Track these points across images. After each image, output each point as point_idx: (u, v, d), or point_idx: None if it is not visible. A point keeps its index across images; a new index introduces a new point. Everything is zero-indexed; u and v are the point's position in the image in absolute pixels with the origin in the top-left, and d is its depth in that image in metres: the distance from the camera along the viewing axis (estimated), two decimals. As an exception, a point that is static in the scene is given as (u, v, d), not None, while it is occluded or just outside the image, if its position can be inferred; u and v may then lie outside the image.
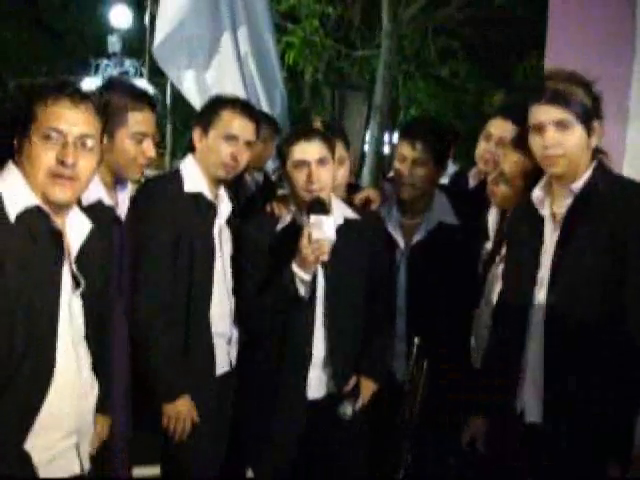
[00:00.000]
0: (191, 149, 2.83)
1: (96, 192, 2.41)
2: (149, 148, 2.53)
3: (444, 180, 4.13)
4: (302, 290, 2.65)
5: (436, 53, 11.60)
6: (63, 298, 1.85)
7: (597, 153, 2.34)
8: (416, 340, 2.89)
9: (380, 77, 10.10)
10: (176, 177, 2.74)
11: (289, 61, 11.11)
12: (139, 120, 2.50)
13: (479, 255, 2.97)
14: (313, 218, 2.57)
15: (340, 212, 2.82)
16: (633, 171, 2.71)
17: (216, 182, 2.77)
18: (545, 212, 2.38)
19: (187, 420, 2.64)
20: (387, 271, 2.96)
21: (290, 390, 2.76)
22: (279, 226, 2.80)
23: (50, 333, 1.80)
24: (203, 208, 2.72)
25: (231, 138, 2.72)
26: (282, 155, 2.79)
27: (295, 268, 2.62)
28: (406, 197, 3.00)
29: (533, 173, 2.55)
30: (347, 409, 2.78)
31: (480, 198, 3.09)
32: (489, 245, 2.92)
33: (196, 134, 2.77)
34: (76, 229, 1.94)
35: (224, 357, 2.79)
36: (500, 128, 3.26)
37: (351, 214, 2.84)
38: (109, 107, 2.44)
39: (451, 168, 5.07)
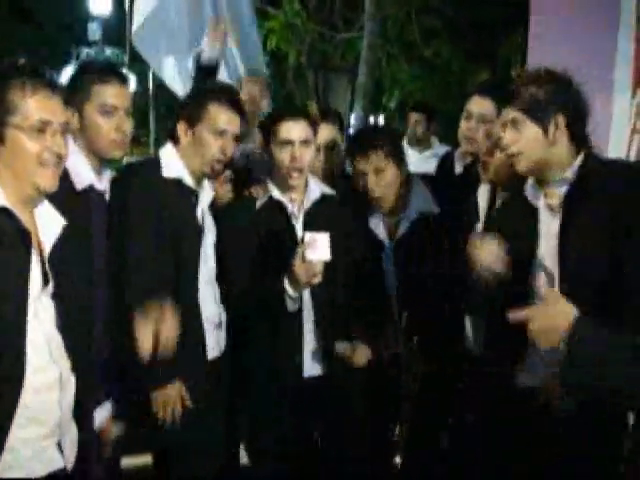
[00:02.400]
0: (171, 138, 2.79)
1: (88, 177, 2.41)
2: (123, 122, 2.48)
3: (433, 161, 4.12)
4: (290, 305, 2.66)
5: (419, 34, 11.52)
6: (33, 297, 1.82)
7: (584, 144, 2.33)
8: (404, 315, 2.91)
9: (363, 59, 10.02)
10: (155, 163, 2.72)
11: (272, 46, 11.02)
12: (106, 92, 2.46)
13: (464, 241, 2.96)
14: (308, 236, 2.55)
15: (317, 187, 2.88)
16: (618, 144, 2.71)
17: (199, 174, 2.75)
18: (540, 203, 2.37)
19: (177, 404, 2.61)
20: (369, 244, 2.99)
21: (286, 370, 2.76)
22: (258, 204, 2.83)
23: (18, 334, 1.77)
24: (184, 193, 2.70)
25: (220, 133, 2.69)
26: (266, 132, 2.79)
27: (286, 284, 2.61)
28: (385, 209, 2.99)
29: None
30: (340, 347, 2.78)
31: (466, 182, 3.08)
32: (479, 226, 2.90)
33: (181, 128, 2.73)
34: (48, 225, 1.91)
35: (213, 342, 2.78)
36: (479, 105, 3.27)
37: (328, 190, 2.87)
38: (79, 86, 2.47)
39: (441, 149, 5.06)
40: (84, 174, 2.41)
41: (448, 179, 3.45)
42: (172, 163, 2.72)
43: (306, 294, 2.77)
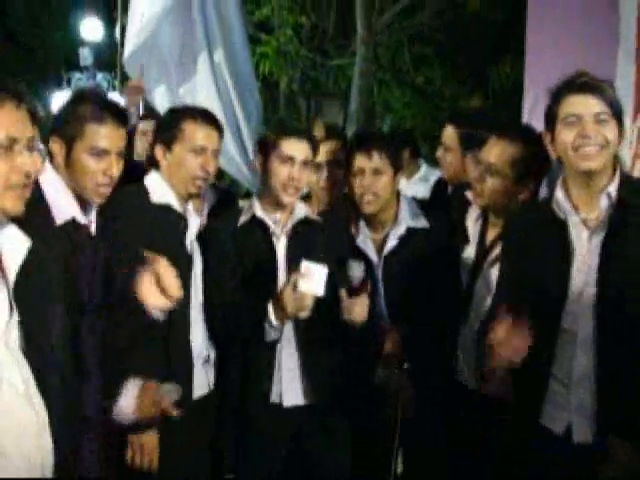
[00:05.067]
0: (153, 166, 2.72)
1: (70, 210, 2.25)
2: (111, 166, 2.30)
3: (422, 185, 4.13)
4: (272, 334, 2.57)
5: (411, 60, 11.58)
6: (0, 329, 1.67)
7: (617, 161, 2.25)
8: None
9: (355, 86, 10.05)
10: (142, 190, 2.63)
11: (264, 71, 11.04)
12: (99, 134, 2.28)
13: (457, 257, 2.89)
14: (304, 266, 2.45)
15: (303, 210, 2.81)
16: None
17: (185, 197, 2.68)
18: (574, 217, 2.22)
19: (153, 455, 2.50)
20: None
21: (258, 399, 2.69)
22: (240, 222, 2.76)
23: None
24: (173, 220, 2.62)
25: (198, 150, 2.62)
26: (265, 145, 2.73)
27: (270, 312, 2.53)
28: (371, 211, 2.93)
29: (522, 163, 2.48)
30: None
31: (455, 203, 3.04)
32: (470, 249, 2.84)
33: (159, 151, 2.66)
34: (12, 248, 1.74)
35: (202, 379, 2.69)
36: (445, 135, 3.35)
37: (313, 215, 2.83)
38: (71, 119, 2.30)
39: (430, 172, 5.02)
40: (66, 207, 2.24)
41: (442, 202, 3.43)
42: (159, 188, 2.65)
43: (288, 328, 2.69)
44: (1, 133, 1.63)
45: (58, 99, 11.91)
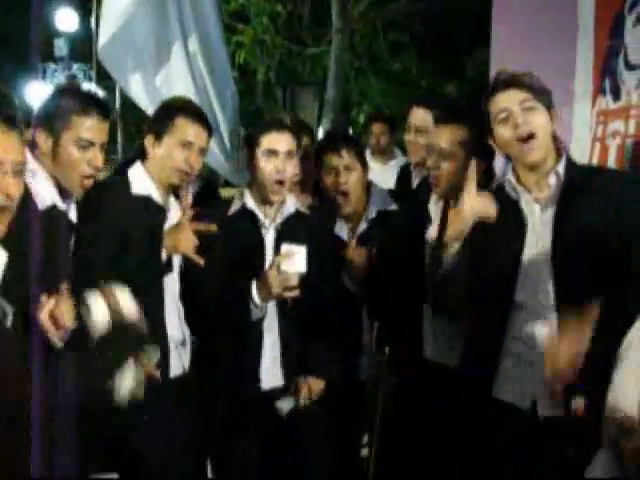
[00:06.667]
0: (140, 156, 2.78)
1: (50, 197, 2.34)
2: (96, 157, 2.41)
3: (394, 171, 4.17)
4: (255, 314, 2.64)
5: (387, 48, 11.64)
6: None
7: (559, 143, 2.35)
8: (375, 326, 2.92)
9: (332, 74, 10.10)
10: (123, 181, 2.69)
11: (240, 61, 11.03)
12: (86, 126, 2.40)
13: (423, 237, 2.97)
14: (285, 247, 2.56)
15: (293, 204, 2.89)
16: (580, 154, 2.73)
17: (167, 189, 2.74)
18: (526, 195, 2.34)
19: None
20: (335, 267, 2.97)
21: (243, 381, 2.75)
22: (230, 212, 2.83)
23: None
24: (152, 210, 2.68)
25: (186, 145, 2.69)
26: (250, 143, 2.84)
27: (254, 292, 2.60)
28: (351, 210, 3.04)
29: (471, 142, 2.59)
30: (283, 405, 2.77)
31: (422, 195, 3.12)
32: (432, 230, 2.91)
33: (148, 141, 2.73)
34: None
35: (176, 361, 2.74)
36: (416, 117, 3.37)
37: (303, 208, 2.88)
38: (57, 112, 2.40)
39: (404, 160, 5.08)
40: (46, 194, 2.34)
41: (406, 192, 3.51)
42: (140, 180, 2.71)
43: (270, 312, 2.75)
44: None
45: (33, 90, 11.81)
